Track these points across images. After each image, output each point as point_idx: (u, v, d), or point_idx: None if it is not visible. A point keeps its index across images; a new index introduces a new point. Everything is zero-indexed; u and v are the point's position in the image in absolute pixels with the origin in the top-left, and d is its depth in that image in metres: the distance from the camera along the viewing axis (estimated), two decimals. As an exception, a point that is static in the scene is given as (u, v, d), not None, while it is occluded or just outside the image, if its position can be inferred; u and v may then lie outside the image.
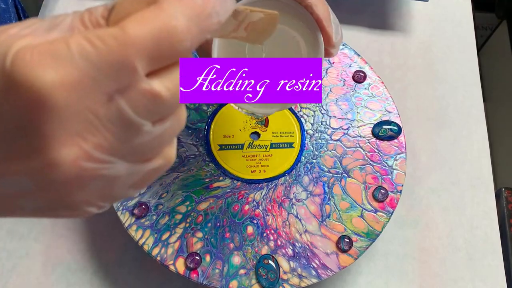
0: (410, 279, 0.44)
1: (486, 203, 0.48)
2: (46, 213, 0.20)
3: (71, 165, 0.17)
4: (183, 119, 0.21)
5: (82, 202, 0.19)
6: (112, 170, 0.19)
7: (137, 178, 0.21)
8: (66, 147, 0.17)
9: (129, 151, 0.19)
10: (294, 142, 0.44)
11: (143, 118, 0.18)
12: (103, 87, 0.17)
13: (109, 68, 0.17)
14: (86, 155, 0.18)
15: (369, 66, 0.47)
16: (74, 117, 0.17)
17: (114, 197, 0.21)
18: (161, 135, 0.20)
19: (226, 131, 0.44)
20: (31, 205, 0.20)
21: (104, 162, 0.18)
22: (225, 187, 0.41)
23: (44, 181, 0.18)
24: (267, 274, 0.38)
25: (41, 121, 0.17)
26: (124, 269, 0.44)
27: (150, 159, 0.21)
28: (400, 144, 0.43)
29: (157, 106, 0.19)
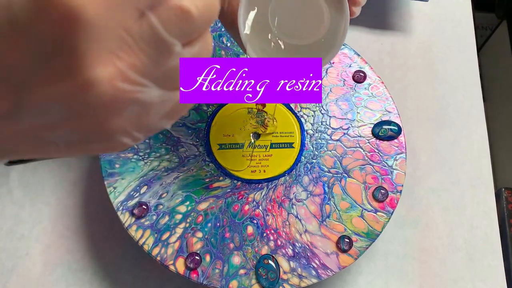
0: (410, 279, 0.44)
1: (486, 203, 0.48)
2: (80, 148, 0.20)
3: (107, 85, 0.17)
4: (210, 45, 0.21)
5: (117, 131, 0.19)
6: (146, 95, 0.19)
7: (169, 107, 0.21)
8: (101, 65, 0.17)
9: (162, 75, 0.19)
10: (294, 142, 0.44)
11: (173, 36, 0.18)
12: (135, 2, 0.17)
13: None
14: (121, 75, 0.17)
15: (369, 66, 0.47)
16: (108, 34, 0.16)
17: (149, 128, 0.21)
18: None
19: (226, 130, 0.44)
20: (65, 138, 0.19)
21: (139, 84, 0.18)
22: (225, 187, 0.41)
23: (80, 105, 0.17)
24: (267, 274, 0.38)
25: (75, 38, 0.16)
26: (124, 269, 0.44)
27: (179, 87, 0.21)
28: (400, 144, 0.43)
29: (186, 24, 0.18)
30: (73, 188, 0.47)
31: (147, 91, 0.19)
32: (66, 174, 0.47)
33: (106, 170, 0.41)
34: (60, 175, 0.47)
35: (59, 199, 0.46)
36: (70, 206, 0.46)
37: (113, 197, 0.40)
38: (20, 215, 0.45)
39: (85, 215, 0.46)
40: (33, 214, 0.46)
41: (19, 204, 0.46)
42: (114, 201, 0.40)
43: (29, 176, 0.47)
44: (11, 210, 0.46)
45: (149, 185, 0.41)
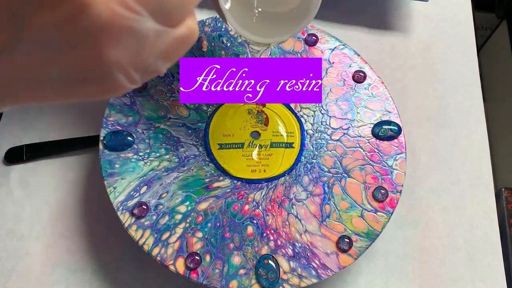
0: (410, 279, 0.44)
1: (486, 203, 0.48)
2: (77, 90, 0.20)
3: (103, 7, 0.17)
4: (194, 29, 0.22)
5: (114, 64, 0.19)
6: (142, 25, 0.19)
7: (165, 45, 0.21)
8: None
9: (156, 7, 0.19)
10: (294, 142, 0.44)
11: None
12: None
13: None
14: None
15: (369, 66, 0.47)
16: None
17: (145, 67, 0.21)
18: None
19: (226, 130, 0.44)
20: (62, 76, 0.19)
21: (135, 12, 0.18)
22: (225, 187, 0.41)
23: (77, 30, 0.17)
24: (267, 274, 0.38)
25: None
26: (124, 269, 0.44)
27: (175, 25, 0.21)
28: (400, 144, 0.43)
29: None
30: (73, 188, 0.47)
31: (143, 20, 0.19)
32: (66, 174, 0.47)
33: (106, 170, 0.41)
34: (60, 175, 0.47)
35: (59, 199, 0.46)
36: (70, 206, 0.46)
37: (113, 197, 0.40)
38: (20, 215, 0.46)
39: (85, 215, 0.46)
40: (33, 214, 0.46)
41: (19, 204, 0.46)
42: (114, 201, 0.40)
43: (29, 176, 0.47)
44: (11, 210, 0.46)
45: (149, 185, 0.41)
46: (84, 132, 0.49)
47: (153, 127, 0.43)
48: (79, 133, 0.49)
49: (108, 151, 0.42)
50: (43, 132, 0.49)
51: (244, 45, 0.47)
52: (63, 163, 0.48)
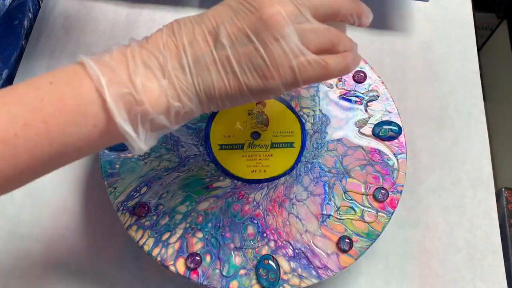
0: (410, 279, 0.44)
1: (486, 203, 0.48)
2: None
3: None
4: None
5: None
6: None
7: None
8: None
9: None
10: (294, 142, 0.44)
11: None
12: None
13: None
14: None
15: (369, 66, 0.47)
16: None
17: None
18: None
19: (226, 130, 0.44)
20: (248, 66, 0.29)
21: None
22: (225, 187, 0.41)
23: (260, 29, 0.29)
24: (267, 275, 0.38)
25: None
26: (124, 269, 0.44)
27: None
28: (400, 144, 0.43)
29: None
30: (73, 188, 0.47)
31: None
32: (66, 174, 0.47)
33: (106, 170, 0.41)
34: (60, 175, 0.47)
35: (59, 199, 0.46)
36: (70, 206, 0.46)
37: (113, 197, 0.40)
38: (20, 215, 0.45)
39: (85, 215, 0.46)
40: (33, 214, 0.46)
41: (19, 204, 0.46)
42: (114, 201, 0.40)
43: (29, 176, 0.47)
44: (11, 210, 0.46)
45: (149, 185, 0.41)
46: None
47: (153, 127, 0.43)
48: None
49: (108, 151, 0.42)
50: (43, 132, 0.49)
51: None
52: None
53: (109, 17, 0.55)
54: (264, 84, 0.29)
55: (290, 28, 0.28)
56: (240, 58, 0.28)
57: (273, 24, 0.28)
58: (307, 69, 0.29)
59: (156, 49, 0.29)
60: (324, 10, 0.30)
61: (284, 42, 0.28)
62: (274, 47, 0.28)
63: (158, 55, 0.28)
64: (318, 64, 0.29)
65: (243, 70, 0.28)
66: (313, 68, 0.29)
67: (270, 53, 0.28)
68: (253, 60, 0.28)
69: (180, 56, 0.28)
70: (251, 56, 0.28)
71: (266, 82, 0.28)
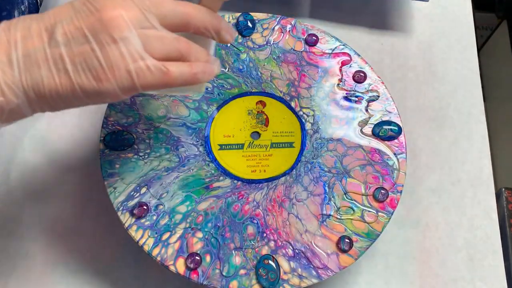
0: (410, 279, 0.44)
1: (486, 203, 0.48)
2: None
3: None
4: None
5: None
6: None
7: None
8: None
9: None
10: (294, 142, 0.44)
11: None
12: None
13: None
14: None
15: (369, 66, 0.47)
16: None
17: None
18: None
19: (226, 130, 0.44)
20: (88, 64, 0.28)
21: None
22: (225, 187, 0.41)
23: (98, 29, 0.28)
24: (267, 275, 0.38)
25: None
26: (124, 269, 0.44)
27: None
28: (400, 144, 0.43)
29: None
30: (73, 188, 0.47)
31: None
32: (66, 175, 0.47)
33: (106, 170, 0.41)
34: (60, 175, 0.47)
35: (59, 199, 0.46)
36: (70, 206, 0.46)
37: (113, 197, 0.40)
38: (20, 215, 0.45)
39: (85, 215, 0.46)
40: (33, 214, 0.46)
41: (19, 204, 0.46)
42: (114, 201, 0.40)
43: (29, 176, 0.47)
44: (11, 210, 0.46)
45: (149, 185, 0.41)
46: (84, 131, 0.49)
47: (153, 127, 0.43)
48: (80, 133, 0.49)
49: (108, 151, 0.42)
50: (43, 132, 0.49)
51: (244, 45, 0.47)
52: (63, 163, 0.48)
53: (109, 17, 0.55)
54: (99, 86, 0.28)
55: (130, 32, 0.27)
56: (75, 58, 0.27)
57: (113, 26, 0.27)
58: (145, 74, 0.28)
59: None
60: (172, 19, 0.29)
61: (122, 44, 0.27)
62: (111, 49, 0.27)
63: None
64: (158, 70, 0.28)
65: (76, 69, 0.27)
66: (152, 74, 0.28)
67: (107, 55, 0.27)
68: (88, 60, 0.27)
69: (10, 50, 0.27)
70: (86, 56, 0.27)
71: (101, 84, 0.28)
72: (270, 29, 0.48)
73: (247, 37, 0.47)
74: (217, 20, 0.32)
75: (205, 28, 0.31)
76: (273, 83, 0.46)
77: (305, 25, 0.48)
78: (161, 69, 0.28)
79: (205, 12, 0.31)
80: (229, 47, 0.47)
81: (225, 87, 0.45)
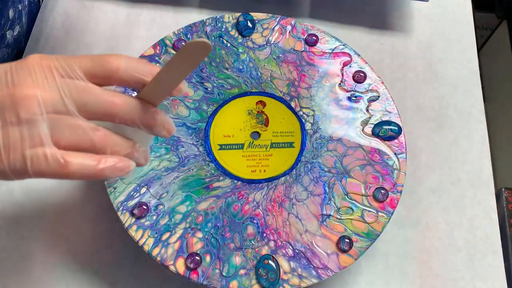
0: (410, 279, 0.44)
1: (486, 203, 0.48)
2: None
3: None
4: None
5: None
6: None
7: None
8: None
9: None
10: (294, 142, 0.44)
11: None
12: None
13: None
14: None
15: (369, 66, 0.47)
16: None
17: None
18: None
19: (226, 130, 0.44)
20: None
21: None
22: (225, 187, 0.41)
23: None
24: (267, 274, 0.38)
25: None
26: (124, 269, 0.44)
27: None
28: (400, 144, 0.43)
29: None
30: (73, 188, 0.47)
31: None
32: (66, 174, 0.47)
33: (106, 170, 0.41)
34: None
35: (59, 199, 0.46)
36: (70, 206, 0.46)
37: (113, 197, 0.40)
38: (20, 215, 0.45)
39: (85, 215, 0.46)
40: (33, 214, 0.46)
41: (19, 204, 0.46)
42: (114, 201, 0.40)
43: (29, 176, 0.47)
44: (11, 210, 0.46)
45: (149, 185, 0.41)
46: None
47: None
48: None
49: (108, 151, 0.42)
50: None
51: (244, 45, 0.47)
52: (63, 163, 0.48)
53: (109, 17, 0.55)
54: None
55: (39, 115, 0.26)
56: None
57: (22, 105, 0.26)
58: (40, 162, 0.26)
59: None
60: (94, 107, 0.28)
61: (26, 127, 0.26)
62: (13, 129, 0.26)
63: None
64: (55, 160, 0.26)
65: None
66: (47, 163, 0.26)
67: (6, 134, 0.26)
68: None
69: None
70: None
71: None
72: (270, 29, 0.48)
73: (247, 37, 0.47)
74: (150, 114, 0.30)
75: (133, 122, 0.29)
76: (273, 83, 0.46)
77: (305, 25, 0.48)
78: (58, 160, 0.27)
79: (135, 105, 0.29)
80: (229, 47, 0.47)
81: (225, 87, 0.45)
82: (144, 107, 0.29)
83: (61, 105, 0.27)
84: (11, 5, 0.48)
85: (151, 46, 0.46)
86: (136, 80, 0.29)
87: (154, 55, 0.46)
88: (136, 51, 0.52)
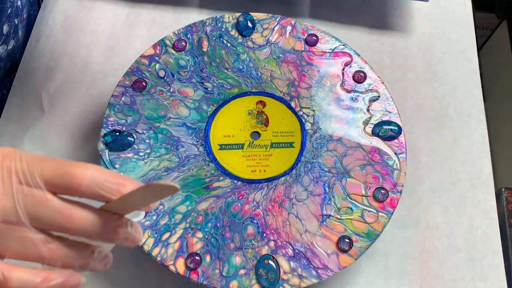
0: (410, 279, 0.44)
1: (486, 203, 0.48)
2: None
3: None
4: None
5: None
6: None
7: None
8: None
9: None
10: (294, 142, 0.44)
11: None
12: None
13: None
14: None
15: (369, 66, 0.47)
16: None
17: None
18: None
19: (226, 130, 0.44)
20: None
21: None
22: (225, 187, 0.41)
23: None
24: (267, 274, 0.38)
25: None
26: (124, 269, 0.44)
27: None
28: (400, 144, 0.43)
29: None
30: (73, 188, 0.47)
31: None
32: (66, 174, 0.47)
33: (106, 170, 0.41)
34: (60, 175, 0.47)
35: (59, 199, 0.46)
36: (70, 206, 0.46)
37: (113, 197, 0.40)
38: (20, 215, 0.45)
39: (85, 215, 0.46)
40: (33, 214, 0.45)
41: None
42: (114, 201, 0.40)
43: (29, 176, 0.47)
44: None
45: (149, 185, 0.41)
46: (84, 131, 0.49)
47: (153, 127, 0.43)
48: (79, 133, 0.49)
49: (108, 151, 0.42)
50: (43, 132, 0.49)
51: (244, 45, 0.47)
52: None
53: (109, 17, 0.55)
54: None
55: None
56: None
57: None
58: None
59: None
60: (48, 221, 0.26)
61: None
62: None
63: None
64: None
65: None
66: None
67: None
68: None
69: None
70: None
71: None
72: (270, 29, 0.48)
73: (247, 37, 0.47)
74: (112, 229, 0.28)
75: (89, 236, 0.28)
76: (273, 83, 0.46)
77: (305, 25, 0.48)
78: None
79: (94, 220, 0.27)
80: (229, 47, 0.47)
81: (225, 87, 0.45)
82: (106, 221, 0.28)
83: (12, 215, 0.25)
84: (5, 21, 0.47)
85: (151, 46, 0.46)
86: (100, 196, 0.27)
87: (154, 55, 0.46)
88: (136, 51, 0.52)
